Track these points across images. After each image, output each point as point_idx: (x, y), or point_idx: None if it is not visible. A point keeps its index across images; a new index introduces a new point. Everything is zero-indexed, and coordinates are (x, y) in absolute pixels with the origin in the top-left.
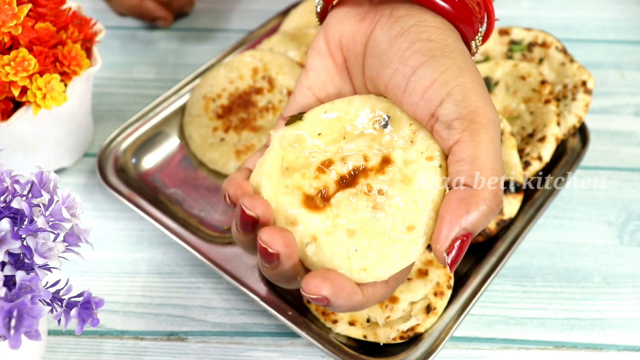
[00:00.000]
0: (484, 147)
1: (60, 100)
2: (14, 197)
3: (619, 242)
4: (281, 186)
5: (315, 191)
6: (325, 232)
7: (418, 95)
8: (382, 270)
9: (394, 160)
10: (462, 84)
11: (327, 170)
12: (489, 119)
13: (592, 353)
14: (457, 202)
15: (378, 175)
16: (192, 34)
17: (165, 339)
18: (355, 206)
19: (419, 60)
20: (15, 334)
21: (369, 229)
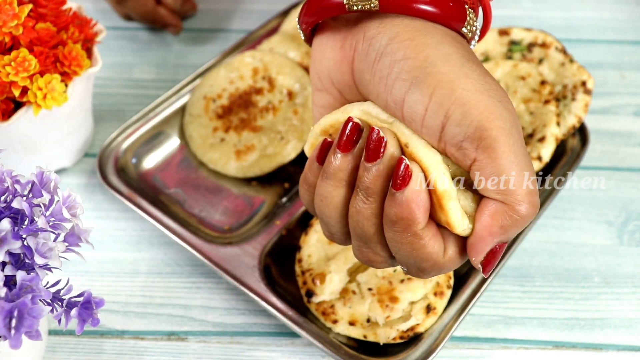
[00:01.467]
0: (503, 161)
1: (61, 100)
2: (15, 197)
3: (619, 242)
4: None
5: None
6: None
7: (418, 124)
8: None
9: None
10: (457, 101)
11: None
12: (498, 128)
13: (592, 353)
14: (490, 219)
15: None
16: (193, 35)
17: (166, 339)
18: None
19: (403, 87)
20: (15, 334)
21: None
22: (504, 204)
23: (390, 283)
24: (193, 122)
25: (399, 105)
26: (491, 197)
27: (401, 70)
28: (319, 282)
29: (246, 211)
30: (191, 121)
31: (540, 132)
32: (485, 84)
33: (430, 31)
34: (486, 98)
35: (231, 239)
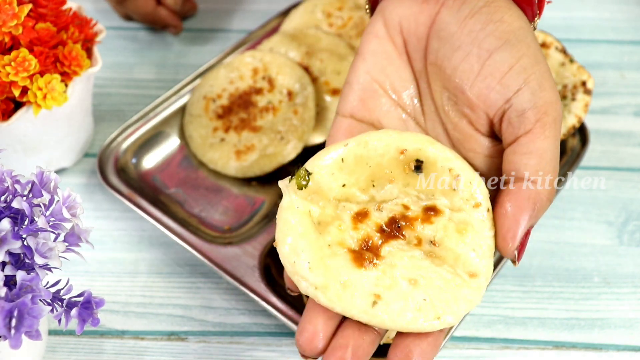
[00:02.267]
0: (552, 143)
1: (61, 100)
2: (15, 197)
3: (619, 242)
4: (323, 247)
5: (359, 244)
6: (385, 287)
7: (495, 80)
8: (452, 318)
9: (441, 210)
10: (539, 73)
11: (363, 221)
12: (558, 114)
13: (592, 353)
14: (525, 201)
15: (425, 224)
16: (193, 35)
17: (166, 339)
18: (410, 255)
19: (494, 43)
20: (15, 334)
21: (431, 278)
22: (534, 183)
23: None
24: (193, 122)
25: (482, 58)
26: (523, 174)
27: (496, 30)
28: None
29: (246, 211)
30: (191, 121)
31: None
32: (554, 79)
33: (520, 11)
34: (555, 86)
35: (231, 239)
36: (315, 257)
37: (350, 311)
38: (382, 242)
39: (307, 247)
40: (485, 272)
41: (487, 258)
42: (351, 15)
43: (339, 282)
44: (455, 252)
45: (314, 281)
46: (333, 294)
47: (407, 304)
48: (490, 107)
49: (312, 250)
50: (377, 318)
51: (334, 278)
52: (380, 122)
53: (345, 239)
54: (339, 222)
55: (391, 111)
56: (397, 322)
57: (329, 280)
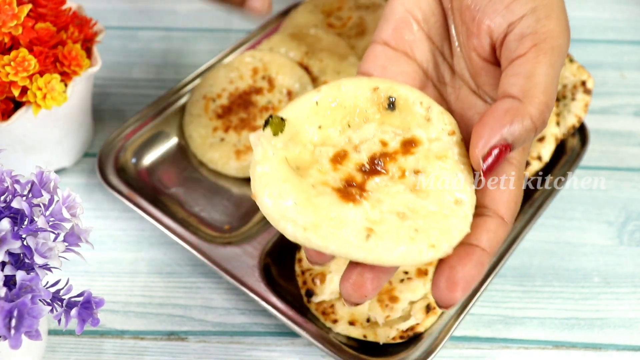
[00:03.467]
0: (544, 69)
1: (61, 100)
2: (14, 197)
3: (619, 242)
4: (307, 189)
5: (342, 183)
6: (375, 221)
7: (503, 5)
8: (447, 245)
9: (420, 140)
10: (549, 4)
11: (342, 162)
12: (559, 45)
13: (592, 353)
14: (502, 112)
15: (407, 156)
16: (192, 34)
17: (166, 339)
18: (395, 190)
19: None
20: (15, 334)
21: (419, 209)
22: (520, 101)
23: (390, 283)
24: (193, 122)
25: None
26: (509, 93)
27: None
28: (319, 282)
29: (246, 211)
30: (191, 121)
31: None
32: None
33: None
34: (566, 20)
35: (231, 238)
36: (301, 198)
37: (345, 248)
38: (365, 179)
39: (291, 189)
40: (469, 199)
41: (469, 184)
42: (351, 15)
43: (329, 219)
44: (438, 179)
45: (303, 221)
46: (325, 231)
47: (399, 236)
48: (493, 30)
49: (296, 192)
50: (373, 252)
51: (323, 215)
52: (412, 50)
53: (327, 180)
54: (318, 165)
55: (422, 41)
56: (393, 254)
57: (319, 218)
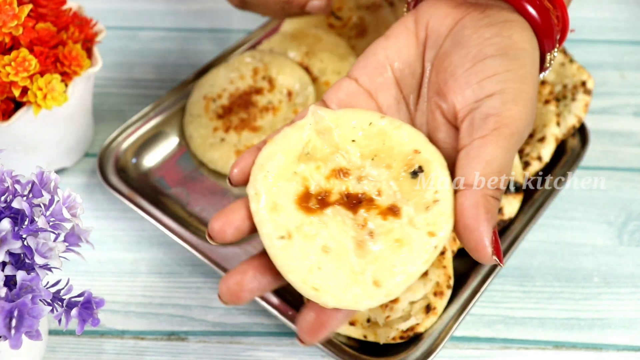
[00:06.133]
0: (503, 154)
1: (61, 100)
2: (15, 197)
3: (619, 242)
4: (289, 171)
5: (316, 191)
6: (303, 235)
7: (475, 79)
8: (331, 299)
9: (401, 214)
10: (518, 89)
11: (340, 178)
12: (519, 132)
13: (592, 353)
14: (475, 209)
15: (379, 217)
16: (193, 34)
17: (166, 339)
18: (343, 229)
19: (493, 52)
20: (15, 334)
21: (341, 259)
22: (485, 187)
23: None
24: (193, 122)
25: (477, 59)
26: (470, 181)
27: (501, 42)
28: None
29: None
30: (191, 121)
31: (540, 132)
32: (534, 103)
33: (534, 38)
34: (532, 108)
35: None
36: (278, 173)
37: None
38: (334, 202)
39: (279, 163)
40: (391, 288)
41: (404, 280)
42: (351, 15)
43: (272, 201)
44: (378, 255)
45: (258, 186)
46: (264, 201)
47: (302, 261)
48: (460, 102)
49: (279, 166)
50: (272, 249)
51: (272, 194)
52: (377, 92)
53: (311, 177)
54: (321, 164)
55: (390, 87)
56: (284, 264)
57: (268, 193)
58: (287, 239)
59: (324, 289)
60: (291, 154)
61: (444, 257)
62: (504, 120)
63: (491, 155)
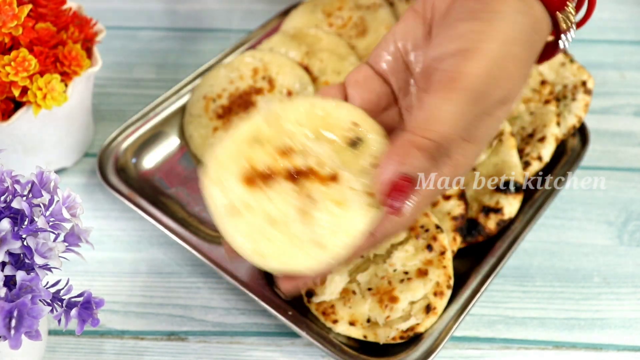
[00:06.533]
0: (453, 106)
1: (61, 100)
2: (15, 197)
3: (619, 242)
4: (238, 154)
5: (262, 170)
6: (250, 209)
7: (439, 43)
8: (277, 264)
9: (341, 180)
10: (479, 48)
11: (286, 157)
12: (475, 89)
13: (592, 353)
14: (395, 147)
15: (321, 185)
16: (193, 34)
17: (166, 339)
18: (287, 201)
19: (464, 16)
20: (15, 334)
21: (287, 228)
22: (412, 133)
23: (390, 283)
24: (193, 122)
25: (451, 23)
26: (407, 127)
27: (474, 7)
28: (319, 282)
29: None
30: (191, 121)
31: (540, 132)
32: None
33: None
34: (495, 68)
35: None
36: (227, 156)
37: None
38: (278, 177)
39: (229, 147)
40: (333, 249)
41: (344, 240)
42: (351, 15)
43: (218, 177)
44: (320, 218)
45: (209, 170)
46: (212, 181)
47: (251, 228)
48: (429, 58)
49: (229, 150)
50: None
51: (218, 172)
52: (390, 77)
53: (258, 158)
54: (269, 145)
55: (402, 72)
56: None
57: (214, 169)
58: (236, 215)
59: (271, 255)
60: (241, 141)
61: (444, 257)
62: (455, 75)
63: (438, 106)
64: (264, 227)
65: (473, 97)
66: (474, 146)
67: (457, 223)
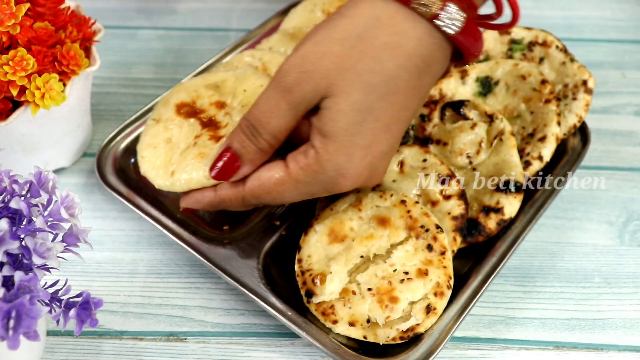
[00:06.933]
0: (263, 94)
1: (59, 100)
2: (13, 197)
3: (620, 242)
4: (194, 89)
5: (195, 106)
6: (163, 125)
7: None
8: (146, 170)
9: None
10: (297, 46)
11: (217, 108)
12: (277, 76)
13: (593, 353)
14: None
15: (211, 140)
16: (191, 34)
17: (165, 340)
18: (191, 133)
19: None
20: (13, 335)
21: (172, 150)
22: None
23: (390, 283)
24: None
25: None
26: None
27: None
28: (318, 282)
29: (245, 211)
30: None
31: (540, 131)
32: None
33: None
34: (297, 59)
35: (230, 238)
36: (188, 89)
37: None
38: (197, 118)
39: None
40: (173, 182)
41: (185, 180)
42: None
43: (179, 86)
44: (191, 157)
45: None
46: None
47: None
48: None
49: (194, 83)
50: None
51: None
52: None
53: (203, 97)
54: (216, 94)
55: None
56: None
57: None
58: (155, 124)
59: (146, 161)
60: (207, 82)
61: (444, 257)
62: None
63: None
64: (161, 141)
65: (277, 85)
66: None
67: (457, 223)
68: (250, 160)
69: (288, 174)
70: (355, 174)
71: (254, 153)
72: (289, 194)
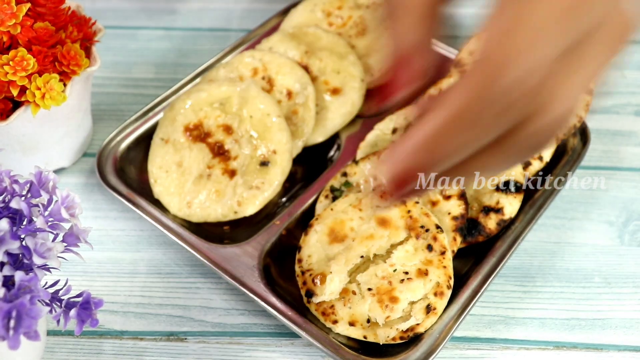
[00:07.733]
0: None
1: (60, 100)
2: (13, 197)
3: (620, 242)
4: (203, 106)
5: (203, 128)
6: (174, 146)
7: None
8: (159, 193)
9: (234, 179)
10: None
11: (224, 133)
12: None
13: (593, 353)
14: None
15: (225, 174)
16: (192, 34)
17: (165, 339)
18: (201, 159)
19: None
20: (14, 335)
21: (183, 176)
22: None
23: (390, 283)
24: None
25: None
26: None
27: None
28: (319, 282)
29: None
30: None
31: None
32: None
33: None
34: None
35: (231, 239)
36: (194, 104)
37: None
38: (205, 142)
39: (199, 97)
40: (177, 212)
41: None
42: (351, 15)
43: (177, 119)
44: (197, 191)
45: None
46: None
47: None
48: None
49: (199, 99)
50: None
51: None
52: None
53: (209, 118)
54: (223, 114)
55: None
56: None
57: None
58: (164, 144)
59: (159, 185)
60: (213, 99)
61: (444, 257)
62: None
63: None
64: (172, 164)
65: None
66: None
67: (457, 223)
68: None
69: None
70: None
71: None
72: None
